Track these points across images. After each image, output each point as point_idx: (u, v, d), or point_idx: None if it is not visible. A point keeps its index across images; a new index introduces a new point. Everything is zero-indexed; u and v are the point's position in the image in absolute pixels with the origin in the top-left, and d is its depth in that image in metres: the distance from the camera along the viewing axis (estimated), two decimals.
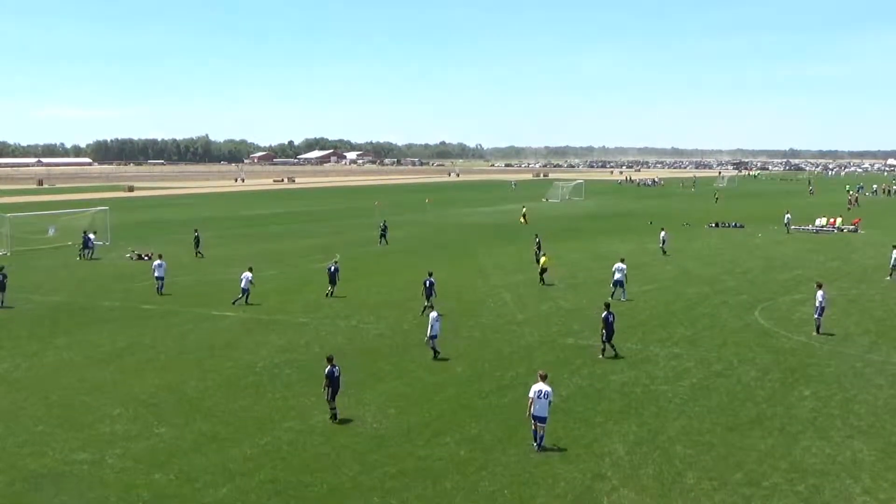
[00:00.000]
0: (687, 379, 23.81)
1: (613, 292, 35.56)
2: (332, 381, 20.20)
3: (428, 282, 33.11)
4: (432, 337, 25.99)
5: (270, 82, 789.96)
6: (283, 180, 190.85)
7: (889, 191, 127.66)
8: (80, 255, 51.17)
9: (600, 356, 25.90)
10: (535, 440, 18.38)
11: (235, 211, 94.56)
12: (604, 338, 25.92)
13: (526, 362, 25.63)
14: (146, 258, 48.97)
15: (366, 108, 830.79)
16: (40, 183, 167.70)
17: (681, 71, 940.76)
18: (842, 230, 67.21)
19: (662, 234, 52.73)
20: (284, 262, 48.73)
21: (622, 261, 36.97)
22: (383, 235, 58.39)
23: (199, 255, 50.74)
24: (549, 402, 18.38)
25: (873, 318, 32.28)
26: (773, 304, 34.88)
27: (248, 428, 19.83)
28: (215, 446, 18.68)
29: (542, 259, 41.45)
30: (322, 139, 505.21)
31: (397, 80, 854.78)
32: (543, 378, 18.65)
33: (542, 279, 39.89)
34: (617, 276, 36.00)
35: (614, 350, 26.00)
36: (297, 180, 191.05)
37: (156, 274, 38.70)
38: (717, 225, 71.70)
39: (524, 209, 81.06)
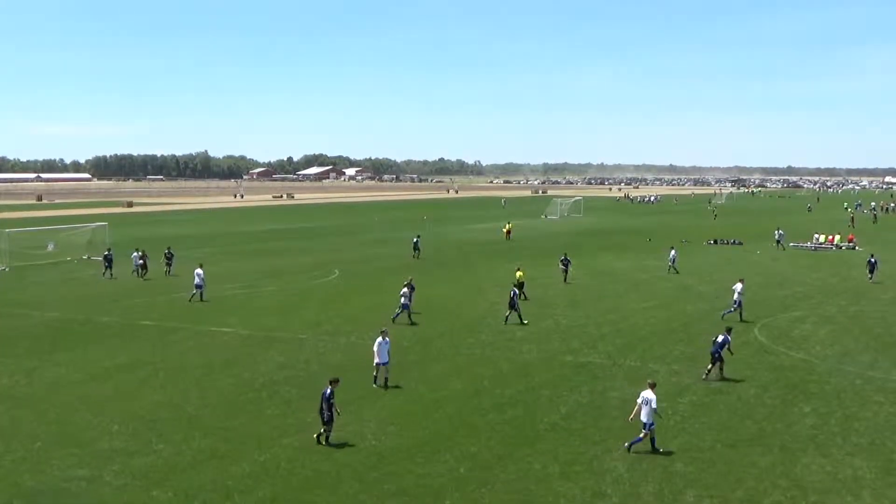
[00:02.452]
0: (687, 396, 23.78)
1: (726, 313, 34.57)
2: (322, 401, 19.72)
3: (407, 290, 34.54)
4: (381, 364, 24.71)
5: (270, 99, 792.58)
6: (282, 196, 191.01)
7: (887, 208, 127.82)
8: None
9: (703, 377, 25.35)
10: (630, 442, 19.16)
11: (235, 227, 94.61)
12: (711, 358, 25.36)
13: (525, 379, 25.60)
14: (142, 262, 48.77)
15: (365, 124, 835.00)
16: (39, 198, 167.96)
17: (678, 88, 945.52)
18: (839, 247, 67.32)
19: (672, 252, 51.93)
20: (284, 278, 48.72)
21: (741, 281, 35.88)
22: (416, 248, 59.93)
23: (168, 272, 49.10)
24: (654, 411, 19.05)
25: (873, 334, 32.28)
26: (772, 321, 34.89)
27: (247, 445, 19.76)
28: (214, 463, 18.62)
29: (518, 273, 40.90)
30: (321, 155, 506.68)
31: (396, 96, 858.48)
32: (652, 386, 19.50)
33: (522, 294, 38.78)
34: (735, 296, 34.86)
35: (719, 374, 25.41)
36: (296, 196, 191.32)
37: (195, 282, 39.85)
38: (715, 242, 71.82)
39: (509, 225, 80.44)
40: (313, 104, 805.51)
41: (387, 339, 25.10)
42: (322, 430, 19.69)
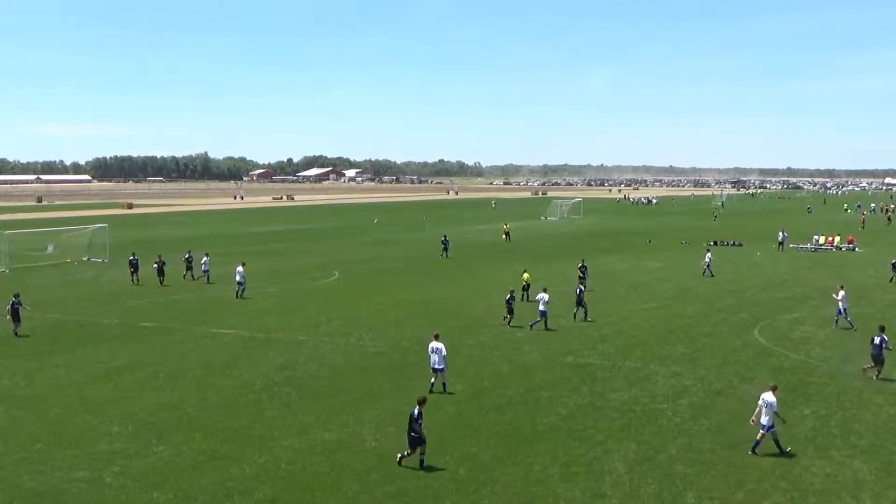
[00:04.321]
0: (687, 397, 23.78)
1: (837, 319, 34.01)
2: (411, 422, 18.42)
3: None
4: None
5: (269, 100, 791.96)
6: (282, 198, 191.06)
7: (887, 209, 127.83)
8: (188, 276, 48.29)
9: (874, 378, 25.56)
10: (753, 446, 19.14)
11: (235, 228, 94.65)
12: (874, 361, 25.73)
13: (525, 380, 25.60)
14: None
15: (365, 125, 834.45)
16: (39, 200, 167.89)
17: (677, 89, 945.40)
18: (839, 248, 67.34)
19: (708, 255, 51.03)
20: (284, 279, 48.73)
21: (842, 287, 35.18)
22: (445, 249, 61.30)
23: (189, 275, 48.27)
24: (776, 413, 19.18)
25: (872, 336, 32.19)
26: (772, 323, 34.90)
27: (247, 446, 19.76)
28: (214, 465, 18.62)
29: (525, 275, 41.18)
30: (321, 157, 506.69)
31: (396, 97, 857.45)
32: (773, 389, 19.70)
33: (525, 296, 39.74)
34: (840, 304, 34.10)
35: (876, 374, 25.70)
36: (296, 198, 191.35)
37: (237, 279, 41.61)
38: (715, 243, 71.81)
39: (506, 226, 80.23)
40: (313, 105, 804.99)
41: (439, 343, 24.31)
42: (406, 453, 18.42)
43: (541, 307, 33.17)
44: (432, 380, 24.44)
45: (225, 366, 27.65)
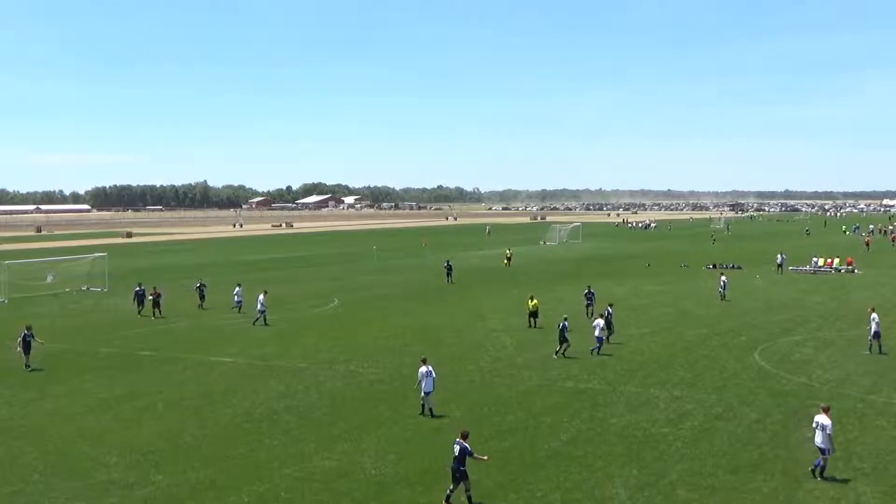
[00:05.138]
0: (688, 422, 23.68)
1: (871, 345, 33.00)
2: (464, 455, 17.76)
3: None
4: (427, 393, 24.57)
5: (268, 128, 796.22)
6: (281, 225, 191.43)
7: (886, 231, 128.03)
8: (202, 305, 48.37)
9: None
10: (814, 468, 19.09)
11: (234, 256, 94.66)
12: None
13: (525, 406, 25.50)
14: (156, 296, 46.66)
15: (363, 152, 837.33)
16: (39, 230, 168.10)
17: (675, 113, 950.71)
18: (839, 271, 67.36)
19: (723, 279, 50.88)
20: (283, 307, 48.64)
21: (873, 310, 34.03)
22: (449, 274, 62.10)
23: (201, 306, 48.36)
24: (829, 435, 19.09)
25: (873, 359, 32.17)
26: (772, 346, 34.82)
27: (246, 475, 19.64)
28: (213, 494, 18.49)
29: (531, 302, 40.58)
30: (320, 184, 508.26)
31: (394, 125, 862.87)
32: (826, 410, 19.62)
33: (532, 322, 39.69)
34: (873, 326, 33.19)
35: None
36: (295, 225, 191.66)
37: (259, 308, 41.64)
38: (714, 266, 71.84)
39: (509, 252, 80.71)
40: (312, 133, 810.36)
41: (429, 367, 24.62)
42: (450, 488, 17.74)
43: (597, 333, 33.08)
44: (423, 402, 24.53)
45: (224, 394, 27.55)
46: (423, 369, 24.54)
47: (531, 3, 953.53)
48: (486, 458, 18.44)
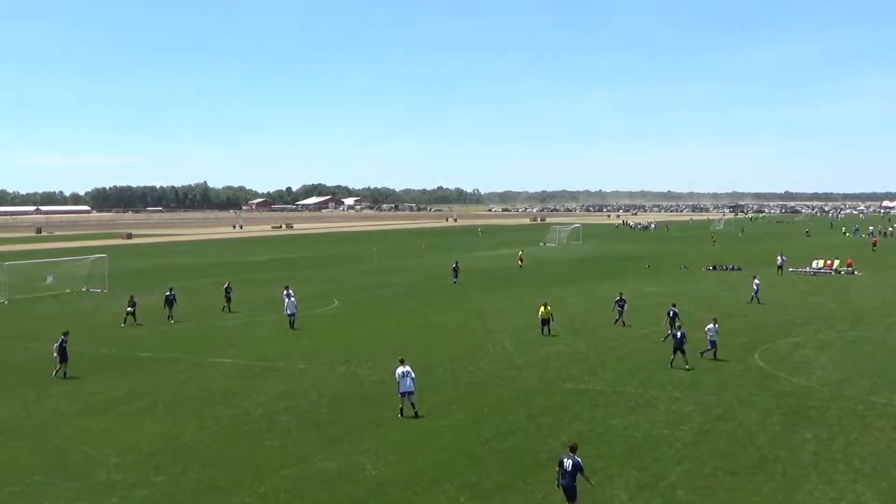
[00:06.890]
0: (688, 423, 23.68)
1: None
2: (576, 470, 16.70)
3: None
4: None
5: (268, 129, 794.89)
6: (281, 226, 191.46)
7: (886, 232, 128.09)
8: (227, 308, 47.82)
9: None
10: None
11: (234, 257, 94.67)
12: None
13: (525, 407, 25.50)
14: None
15: (363, 153, 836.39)
16: (39, 231, 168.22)
17: (674, 114, 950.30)
18: (839, 272, 67.38)
19: (756, 281, 50.07)
20: (282, 308, 48.56)
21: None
22: (456, 274, 62.56)
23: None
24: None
25: (874, 360, 32.21)
26: (772, 347, 34.83)
27: (246, 476, 19.64)
28: (213, 495, 18.49)
29: (543, 309, 38.72)
30: (320, 185, 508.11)
31: (395, 125, 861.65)
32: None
33: (545, 329, 38.00)
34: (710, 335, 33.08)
35: None
36: (295, 226, 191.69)
37: (287, 311, 40.94)
38: (714, 268, 71.85)
39: (521, 253, 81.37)
40: (312, 134, 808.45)
41: (407, 366, 24.73)
42: None
43: (710, 336, 32.63)
44: (400, 406, 24.55)
45: (224, 395, 27.55)
46: (401, 369, 24.64)
47: (531, 3, 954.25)
48: (593, 483, 17.37)
